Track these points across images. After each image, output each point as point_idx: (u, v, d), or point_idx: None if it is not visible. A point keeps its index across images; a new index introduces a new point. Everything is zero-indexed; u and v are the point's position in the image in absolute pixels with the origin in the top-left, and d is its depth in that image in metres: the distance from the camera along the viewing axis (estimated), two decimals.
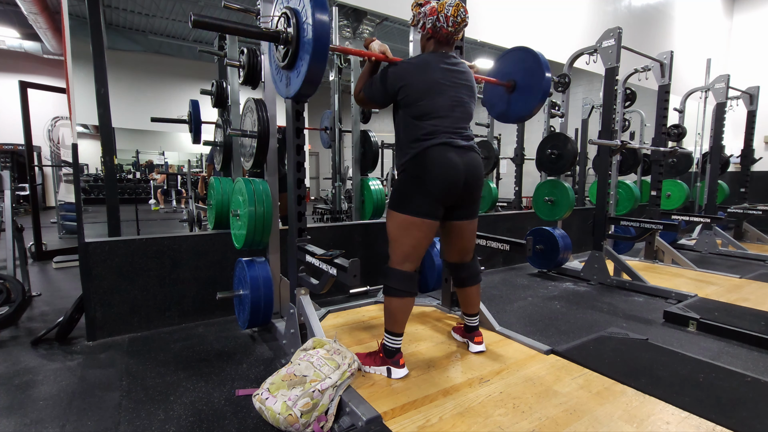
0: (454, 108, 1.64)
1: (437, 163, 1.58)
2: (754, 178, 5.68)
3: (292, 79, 1.44)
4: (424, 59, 1.64)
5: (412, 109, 1.61)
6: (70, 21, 2.10)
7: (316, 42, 1.27)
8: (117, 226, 2.44)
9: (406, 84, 1.60)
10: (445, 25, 1.59)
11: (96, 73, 2.23)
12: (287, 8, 1.39)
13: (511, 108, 2.19)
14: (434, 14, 1.59)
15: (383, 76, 1.66)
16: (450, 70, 1.65)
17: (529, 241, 2.06)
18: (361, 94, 1.75)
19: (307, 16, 1.29)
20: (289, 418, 1.33)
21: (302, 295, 1.92)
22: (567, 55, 3.82)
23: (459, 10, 1.58)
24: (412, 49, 2.51)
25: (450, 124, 1.63)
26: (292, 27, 1.35)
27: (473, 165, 1.67)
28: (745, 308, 2.59)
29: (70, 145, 2.11)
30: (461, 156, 1.62)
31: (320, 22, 1.26)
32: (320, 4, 1.27)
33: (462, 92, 1.68)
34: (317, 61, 1.30)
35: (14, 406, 1.58)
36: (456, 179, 1.61)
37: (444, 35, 1.64)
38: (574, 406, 1.47)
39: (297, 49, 1.36)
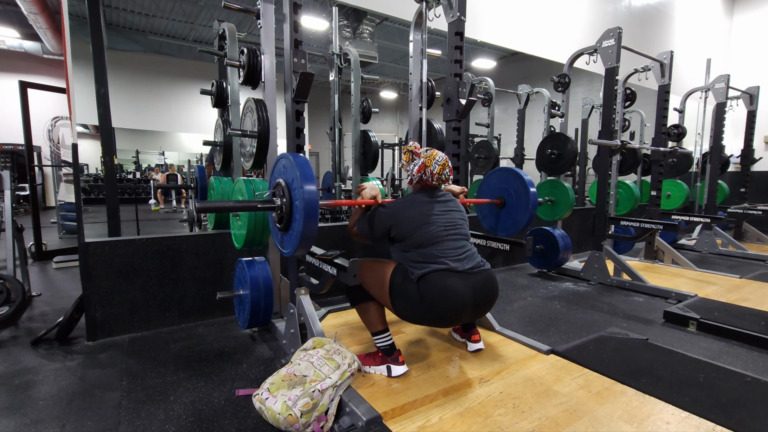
0: (449, 231, 1.66)
1: (440, 293, 1.54)
2: (754, 178, 5.68)
3: (287, 240, 1.61)
4: (412, 197, 1.72)
5: (407, 242, 1.64)
6: (70, 21, 2.10)
7: (306, 209, 1.44)
8: (117, 226, 2.44)
9: (396, 222, 1.65)
10: (430, 179, 1.71)
11: (96, 73, 2.23)
12: (282, 181, 1.59)
13: (501, 223, 2.40)
14: (422, 170, 1.70)
15: (373, 217, 1.71)
16: (437, 201, 1.70)
17: (529, 241, 2.06)
18: (354, 230, 1.79)
19: (298, 188, 1.47)
20: (289, 418, 1.33)
21: (302, 295, 1.92)
22: (567, 55, 3.82)
23: (444, 170, 1.71)
24: (412, 50, 2.51)
25: (450, 247, 1.62)
26: (286, 197, 1.55)
27: (484, 288, 1.62)
28: (745, 308, 2.59)
29: (70, 145, 2.11)
30: (467, 281, 1.58)
31: (309, 193, 1.44)
32: (308, 177, 1.47)
33: (453, 216, 1.71)
34: (308, 225, 1.46)
35: (14, 406, 1.58)
36: (463, 308, 1.57)
37: (429, 185, 1.74)
38: (574, 406, 1.47)
39: (290, 215, 1.56)
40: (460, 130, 2.36)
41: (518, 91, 4.77)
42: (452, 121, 2.33)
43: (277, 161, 1.68)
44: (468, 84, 4.59)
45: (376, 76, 10.83)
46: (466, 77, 4.59)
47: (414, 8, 2.44)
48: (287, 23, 1.89)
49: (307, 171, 1.48)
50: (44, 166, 8.85)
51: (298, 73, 1.85)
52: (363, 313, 1.73)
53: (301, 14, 1.90)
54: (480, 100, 4.70)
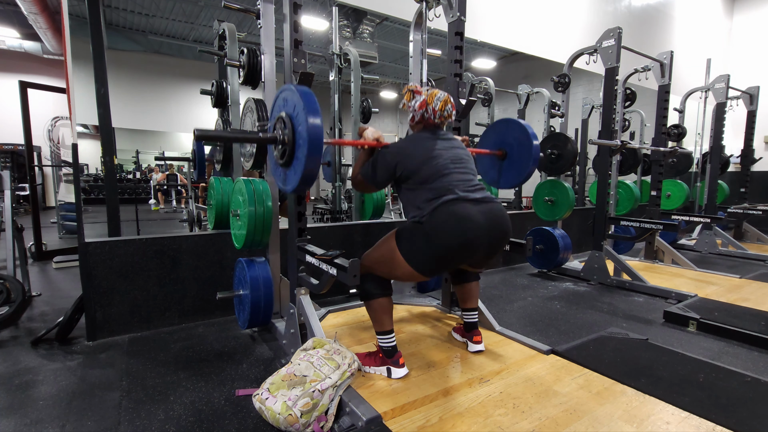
0: (456, 166, 1.63)
1: (454, 221, 1.47)
2: (754, 178, 5.68)
3: (289, 176, 1.52)
4: (416, 135, 1.70)
5: (414, 179, 1.60)
6: (70, 21, 2.10)
7: (311, 143, 1.36)
8: (117, 226, 2.44)
9: (402, 160, 1.62)
10: (432, 116, 1.67)
11: (96, 73, 2.24)
12: (283, 114, 1.49)
13: (503, 176, 2.30)
14: (423, 107, 1.67)
15: (378, 159, 1.68)
16: (440, 139, 1.68)
17: (529, 241, 2.06)
18: (359, 177, 1.76)
19: (301, 120, 1.38)
20: (289, 418, 1.33)
21: (302, 295, 1.92)
22: (567, 55, 3.82)
23: (446, 106, 1.66)
24: (411, 50, 2.51)
25: (457, 179, 1.58)
26: (288, 129, 1.46)
27: (497, 217, 1.56)
28: (745, 308, 2.59)
29: (70, 145, 2.11)
30: (481, 209, 1.52)
31: (313, 126, 1.36)
32: (312, 108, 1.37)
33: (459, 153, 1.68)
34: (312, 160, 1.39)
35: (14, 406, 1.58)
36: (478, 239, 1.49)
37: (431, 123, 1.71)
38: (574, 406, 1.47)
39: (293, 150, 1.47)
40: (460, 130, 2.36)
41: (518, 91, 4.77)
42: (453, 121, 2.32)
43: (279, 93, 1.57)
44: (468, 84, 4.60)
45: (376, 76, 10.84)
46: (466, 77, 4.59)
47: (414, 8, 2.44)
48: (287, 23, 1.89)
49: (311, 102, 1.38)
50: (44, 166, 8.85)
51: (298, 73, 1.85)
52: (371, 310, 1.69)
53: (301, 14, 1.90)
54: (480, 100, 4.70)
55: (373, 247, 1.71)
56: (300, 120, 1.39)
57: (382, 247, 1.66)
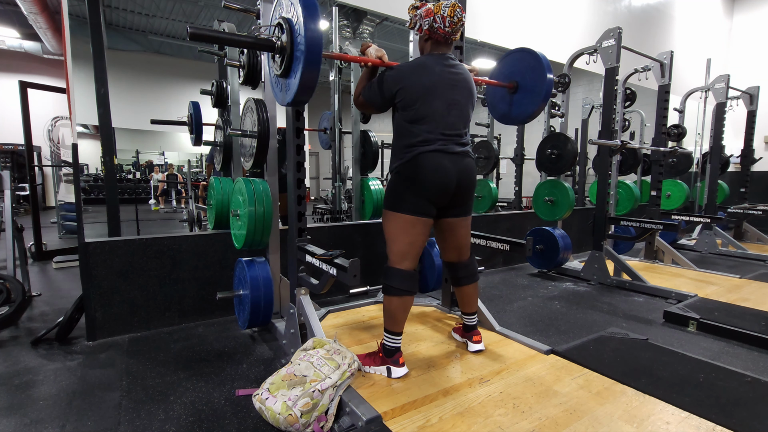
0: (450, 110, 1.64)
1: (429, 168, 1.61)
2: (754, 178, 5.68)
3: (289, 86, 1.47)
4: (421, 62, 1.65)
5: (409, 113, 1.62)
6: (70, 21, 2.10)
7: (309, 49, 1.31)
8: (117, 226, 2.44)
9: (403, 87, 1.61)
10: (442, 25, 1.60)
11: (96, 73, 2.24)
12: (281, 18, 1.43)
13: (513, 109, 2.19)
14: (430, 15, 1.60)
15: (380, 81, 1.67)
16: (447, 71, 1.65)
17: (529, 241, 2.06)
18: (360, 98, 1.77)
19: (300, 25, 1.33)
20: (289, 418, 1.33)
21: (302, 295, 1.92)
22: (567, 55, 3.82)
23: (455, 11, 1.59)
24: (411, 50, 2.51)
25: (445, 129, 1.64)
26: (286, 35, 1.39)
27: (466, 169, 1.70)
28: (745, 308, 2.59)
29: (70, 145, 2.11)
30: (454, 162, 1.65)
31: (312, 30, 1.30)
32: (312, 13, 1.30)
33: (459, 94, 1.68)
34: (311, 68, 1.34)
35: (14, 406, 1.58)
36: (447, 182, 1.64)
37: (441, 35, 1.64)
38: (574, 406, 1.47)
39: (291, 57, 1.40)
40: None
41: None
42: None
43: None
44: None
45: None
46: None
47: None
48: None
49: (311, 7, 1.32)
50: (44, 166, 8.85)
51: None
52: (390, 305, 1.66)
53: None
54: (480, 100, 4.70)
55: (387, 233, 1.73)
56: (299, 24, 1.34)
57: (386, 226, 1.71)
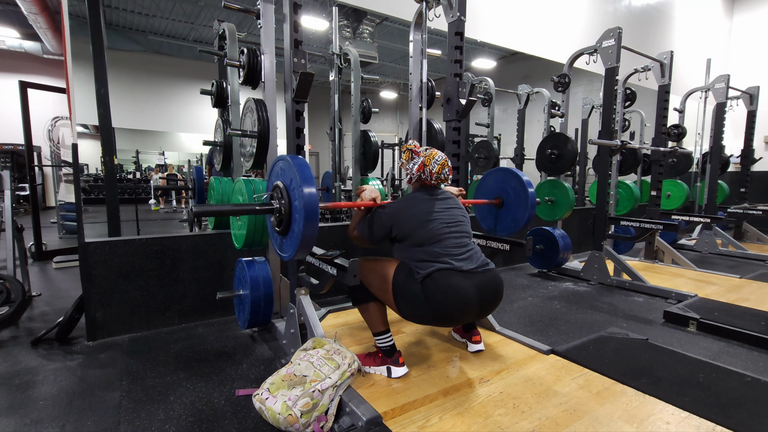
0: (451, 229, 1.64)
1: (445, 292, 1.51)
2: (754, 178, 5.68)
3: (286, 244, 1.57)
4: (411, 196, 1.72)
5: (409, 241, 1.63)
6: (70, 21, 2.10)
7: (307, 212, 1.40)
8: (117, 226, 2.44)
9: (397, 222, 1.64)
10: (429, 178, 1.70)
11: (96, 73, 2.23)
12: (280, 184, 1.55)
13: (500, 223, 2.39)
14: (421, 170, 1.70)
15: (374, 219, 1.69)
16: (437, 199, 1.70)
17: (529, 241, 2.06)
18: (355, 233, 1.78)
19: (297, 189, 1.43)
20: (289, 418, 1.33)
21: (302, 295, 1.92)
22: (567, 55, 3.82)
23: (443, 169, 1.70)
24: (412, 50, 2.51)
25: (452, 245, 1.60)
26: (284, 199, 1.51)
27: (489, 287, 1.60)
28: (745, 308, 2.59)
29: (70, 145, 2.11)
30: (471, 281, 1.55)
31: (309, 195, 1.40)
32: (307, 178, 1.42)
33: (455, 213, 1.70)
34: (308, 229, 1.42)
35: (14, 406, 1.58)
36: (468, 309, 1.55)
37: (428, 184, 1.73)
38: (574, 406, 1.47)
39: (289, 218, 1.52)
40: (460, 130, 2.36)
41: (518, 91, 4.77)
42: (452, 121, 2.33)
43: (275, 163, 1.64)
44: (468, 84, 4.59)
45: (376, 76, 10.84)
46: (466, 77, 4.59)
47: (414, 8, 2.44)
48: (287, 23, 1.89)
49: (306, 173, 1.44)
50: (44, 166, 8.86)
51: (298, 73, 1.85)
52: (365, 313, 1.72)
53: (301, 14, 1.90)
54: (480, 100, 4.70)
55: (371, 264, 1.69)
56: (295, 189, 1.45)
57: (380, 275, 1.65)
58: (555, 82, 3.81)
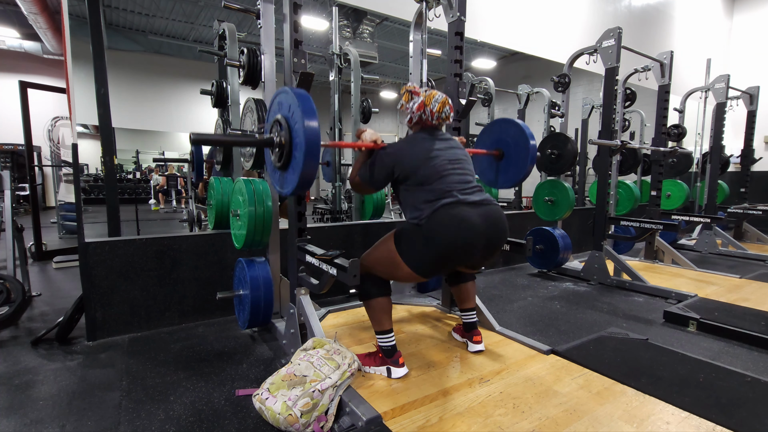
0: (454, 166, 1.63)
1: (453, 224, 1.48)
2: (754, 178, 5.68)
3: (287, 179, 1.52)
4: (412, 136, 1.70)
5: (412, 180, 1.61)
6: (70, 21, 2.10)
7: (308, 146, 1.36)
8: (117, 226, 2.44)
9: (399, 161, 1.62)
10: (430, 118, 1.67)
11: (96, 73, 2.23)
12: (279, 117, 1.48)
13: (500, 176, 2.30)
14: (421, 109, 1.67)
15: (376, 161, 1.68)
16: (438, 139, 1.68)
17: (529, 241, 2.06)
18: (357, 179, 1.76)
19: (298, 122, 1.38)
20: (289, 418, 1.33)
21: (302, 295, 1.92)
22: (567, 55, 3.82)
23: (444, 107, 1.67)
24: (411, 50, 2.51)
25: (455, 181, 1.58)
26: (285, 132, 1.45)
27: (495, 219, 1.57)
28: (745, 308, 2.59)
29: (70, 145, 2.11)
30: (479, 212, 1.53)
31: (310, 128, 1.35)
32: (309, 111, 1.36)
33: (457, 153, 1.68)
34: (309, 163, 1.38)
35: (14, 406, 1.58)
36: (476, 241, 1.51)
37: (429, 125, 1.71)
38: (574, 406, 1.47)
39: (290, 153, 1.46)
40: (460, 130, 2.36)
41: (518, 91, 4.77)
42: (452, 121, 2.32)
43: (275, 96, 1.56)
44: (468, 84, 4.60)
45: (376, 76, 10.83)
46: (466, 77, 4.59)
47: (414, 8, 2.44)
48: (287, 23, 1.89)
49: (308, 105, 1.38)
50: (44, 166, 8.85)
51: (298, 73, 1.85)
52: (371, 309, 1.69)
53: (301, 14, 1.90)
54: (480, 100, 4.70)
55: (372, 248, 1.71)
56: (296, 122, 1.39)
57: (380, 248, 1.66)
58: (555, 82, 3.81)
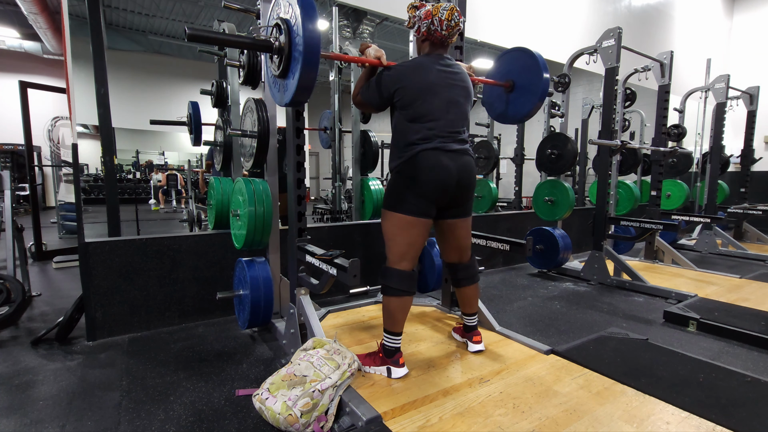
0: (450, 109, 1.66)
1: (429, 166, 1.61)
2: (754, 178, 5.68)
3: (287, 87, 1.47)
4: (419, 62, 1.67)
5: (408, 111, 1.63)
6: (70, 21, 2.10)
7: (307, 50, 1.31)
8: (117, 226, 2.44)
9: (401, 86, 1.62)
10: (439, 28, 1.63)
11: (96, 73, 2.23)
12: (279, 19, 1.43)
13: (510, 108, 2.19)
14: (429, 18, 1.62)
15: (379, 80, 1.68)
16: (445, 71, 1.67)
17: (529, 241, 2.06)
18: (358, 98, 1.78)
19: (298, 25, 1.33)
20: (289, 418, 1.33)
21: (302, 295, 1.92)
22: (567, 55, 3.82)
23: (453, 14, 1.62)
24: (412, 50, 2.51)
25: (444, 127, 1.65)
26: (284, 36, 1.39)
27: (466, 168, 1.70)
28: (745, 308, 2.59)
29: (70, 145, 2.11)
30: (453, 160, 1.65)
31: (310, 31, 1.30)
32: (310, 14, 1.31)
33: (457, 93, 1.69)
34: (309, 68, 1.34)
35: (14, 406, 1.58)
36: (448, 181, 1.64)
37: (438, 38, 1.67)
38: (574, 406, 1.47)
39: (289, 57, 1.41)
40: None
41: None
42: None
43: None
44: None
45: None
46: None
47: None
48: None
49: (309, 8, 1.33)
50: (44, 166, 8.86)
51: None
52: (390, 306, 1.66)
53: None
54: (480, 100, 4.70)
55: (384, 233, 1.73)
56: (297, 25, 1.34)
57: (384, 228, 1.71)
58: (555, 82, 3.80)
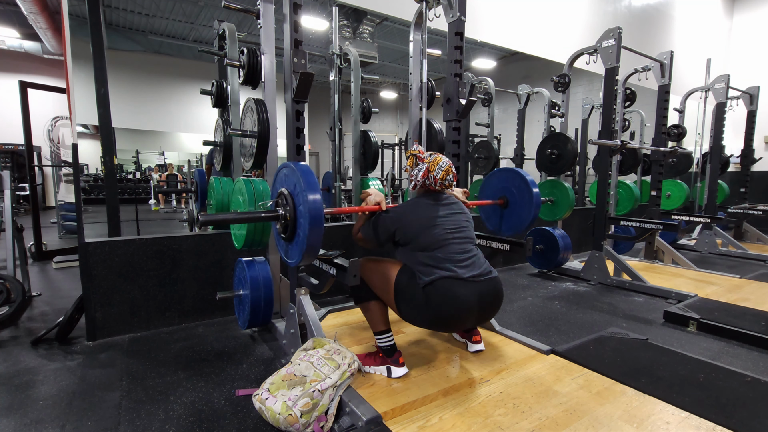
0: (454, 234, 1.65)
1: (447, 300, 1.53)
2: (754, 178, 5.68)
3: (292, 250, 1.58)
4: (416, 201, 1.73)
5: (412, 245, 1.63)
6: (70, 21, 2.10)
7: (311, 218, 1.41)
8: (117, 226, 2.44)
9: (401, 226, 1.65)
10: (433, 184, 1.73)
11: (96, 73, 2.23)
12: (284, 190, 1.56)
13: (505, 223, 2.42)
14: (425, 176, 1.72)
15: (378, 223, 1.71)
16: (441, 204, 1.71)
17: (529, 241, 2.06)
18: (359, 235, 1.82)
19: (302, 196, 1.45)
20: (289, 418, 1.33)
21: (302, 295, 1.92)
22: (567, 55, 3.82)
23: (447, 175, 1.72)
24: (412, 50, 2.51)
25: (455, 251, 1.61)
26: (289, 206, 1.53)
27: (490, 294, 1.62)
28: (745, 308, 2.59)
29: (70, 145, 2.11)
30: (471, 288, 1.56)
31: (313, 201, 1.42)
32: (312, 186, 1.44)
33: (458, 219, 1.70)
34: (313, 235, 1.43)
35: (14, 406, 1.58)
36: (467, 316, 1.57)
37: (432, 190, 1.75)
38: (574, 406, 1.47)
39: (295, 225, 1.53)
40: (460, 130, 2.36)
41: (518, 91, 4.77)
42: (452, 121, 2.33)
43: (279, 170, 1.66)
44: (468, 84, 4.59)
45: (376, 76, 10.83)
46: (466, 77, 4.59)
47: (414, 8, 2.44)
48: (287, 23, 1.89)
49: (311, 179, 1.46)
50: (44, 166, 8.86)
51: (298, 73, 1.85)
52: (366, 312, 1.72)
53: (301, 14, 1.90)
54: (480, 100, 4.70)
55: (373, 264, 1.71)
56: (300, 195, 1.46)
57: (382, 274, 1.67)
58: (555, 82, 3.81)
